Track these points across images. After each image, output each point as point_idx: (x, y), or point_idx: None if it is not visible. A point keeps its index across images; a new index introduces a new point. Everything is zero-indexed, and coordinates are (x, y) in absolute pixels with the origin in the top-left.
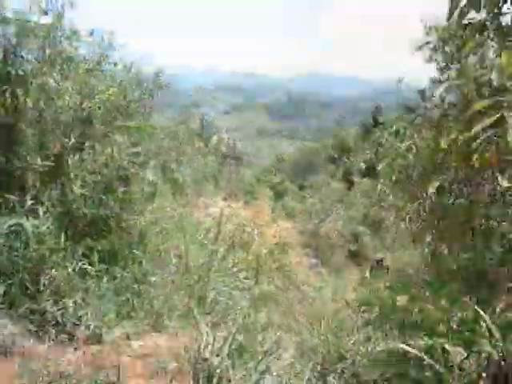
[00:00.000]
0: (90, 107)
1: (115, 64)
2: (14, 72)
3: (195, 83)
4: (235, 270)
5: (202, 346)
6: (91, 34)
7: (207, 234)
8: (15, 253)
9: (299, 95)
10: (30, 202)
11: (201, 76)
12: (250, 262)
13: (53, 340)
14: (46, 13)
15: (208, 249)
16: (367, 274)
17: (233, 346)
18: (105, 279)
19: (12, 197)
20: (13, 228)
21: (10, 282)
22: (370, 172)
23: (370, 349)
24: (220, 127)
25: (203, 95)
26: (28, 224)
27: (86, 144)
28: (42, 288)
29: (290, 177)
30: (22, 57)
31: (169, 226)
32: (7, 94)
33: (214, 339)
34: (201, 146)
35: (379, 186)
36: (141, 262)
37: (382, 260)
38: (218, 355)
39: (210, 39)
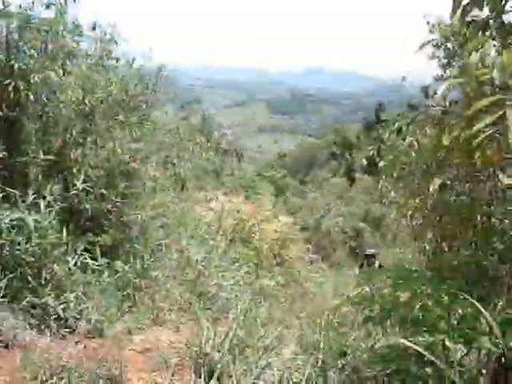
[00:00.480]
0: (92, 102)
1: (117, 59)
2: (16, 66)
3: (196, 79)
4: (236, 264)
5: (203, 341)
6: (93, 28)
7: (208, 229)
8: (17, 247)
9: (301, 91)
10: (32, 197)
11: (202, 72)
12: (250, 256)
13: (54, 334)
14: (48, 7)
15: (209, 244)
16: (356, 272)
17: (234, 341)
18: (106, 274)
19: (14, 191)
20: (15, 222)
21: (11, 275)
22: (372, 169)
23: (370, 345)
24: (221, 123)
25: (204, 91)
26: (30, 218)
27: (88, 139)
28: (43, 282)
29: (291, 172)
30: (24, 51)
31: (170, 221)
32: (10, 89)
33: (215, 334)
34: (202, 141)
35: (381, 183)
36: (142, 257)
37: (374, 256)
38: (219, 350)
39: (211, 36)
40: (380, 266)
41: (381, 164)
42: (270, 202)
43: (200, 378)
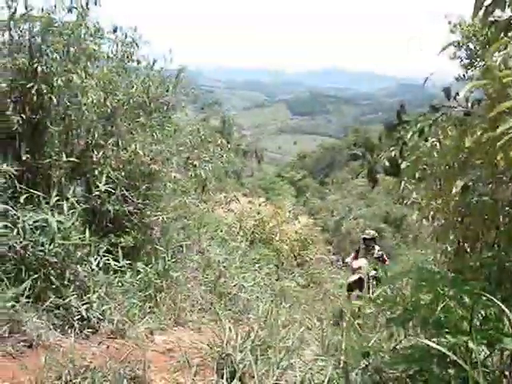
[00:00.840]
0: (113, 104)
1: (138, 62)
2: (39, 69)
3: (215, 80)
4: (257, 265)
5: (225, 342)
6: (114, 31)
7: (229, 230)
8: (41, 248)
9: (320, 92)
10: (55, 198)
11: (222, 73)
12: (271, 257)
13: (77, 334)
14: (70, 10)
15: (229, 245)
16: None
17: (255, 342)
18: (128, 275)
19: (37, 193)
20: (38, 223)
21: (35, 276)
22: (394, 170)
23: (392, 346)
24: (241, 124)
25: (224, 92)
26: (53, 219)
27: (110, 141)
28: (66, 282)
29: (311, 173)
30: (47, 54)
31: (191, 222)
32: (33, 92)
33: (237, 335)
34: (223, 142)
35: (403, 184)
36: (163, 258)
37: (374, 239)
38: (240, 351)
39: (227, 37)
40: (381, 256)
41: (403, 165)
42: (290, 202)
43: (222, 378)
